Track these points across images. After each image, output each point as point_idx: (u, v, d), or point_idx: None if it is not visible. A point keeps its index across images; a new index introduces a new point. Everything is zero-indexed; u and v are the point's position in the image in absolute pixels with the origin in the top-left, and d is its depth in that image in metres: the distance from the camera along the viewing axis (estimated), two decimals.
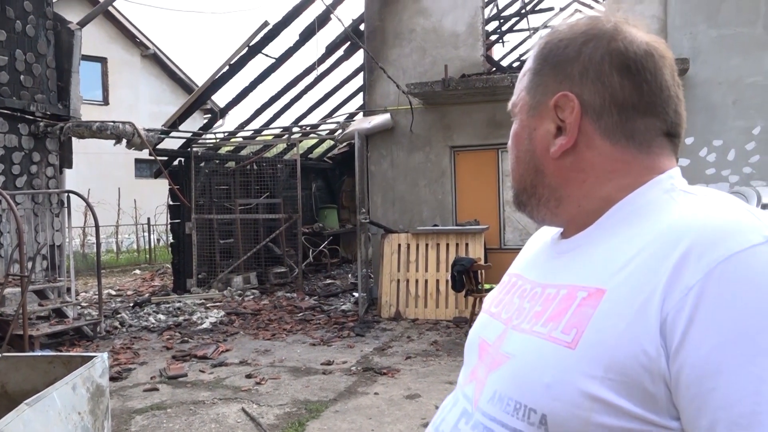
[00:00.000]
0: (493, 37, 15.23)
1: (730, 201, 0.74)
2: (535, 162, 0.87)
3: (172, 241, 11.24)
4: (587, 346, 0.70)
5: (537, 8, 15.43)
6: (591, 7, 17.86)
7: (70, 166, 8.40)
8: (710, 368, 0.63)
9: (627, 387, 0.67)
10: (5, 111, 7.33)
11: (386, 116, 9.03)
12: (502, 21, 14.97)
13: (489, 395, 0.80)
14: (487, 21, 11.93)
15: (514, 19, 15.27)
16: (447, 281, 7.79)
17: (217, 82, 10.07)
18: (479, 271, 7.22)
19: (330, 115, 13.93)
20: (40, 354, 4.46)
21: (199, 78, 23.87)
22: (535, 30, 16.14)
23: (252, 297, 9.81)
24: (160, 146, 10.11)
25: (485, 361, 0.85)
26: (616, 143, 0.81)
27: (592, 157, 0.82)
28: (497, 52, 16.77)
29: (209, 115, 14.61)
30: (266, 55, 9.80)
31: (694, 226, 0.70)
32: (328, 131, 11.82)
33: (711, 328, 0.63)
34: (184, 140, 10.91)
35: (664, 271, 0.68)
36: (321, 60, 10.82)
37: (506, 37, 16.52)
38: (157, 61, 20.00)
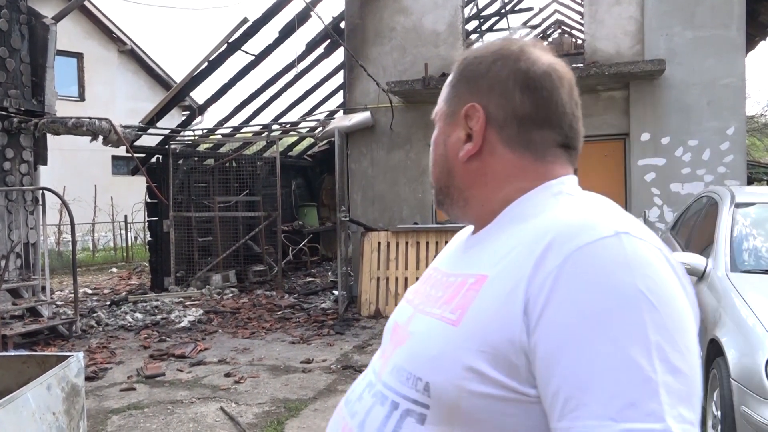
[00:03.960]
0: (473, 37, 15.30)
1: (597, 202, 0.87)
2: (448, 165, 0.97)
3: (149, 239, 11.11)
4: (468, 324, 0.81)
5: (516, 8, 15.53)
6: (569, 7, 18.02)
7: (44, 163, 8.27)
8: (558, 343, 0.73)
9: (496, 359, 0.77)
10: None
11: (366, 114, 9.03)
12: (482, 20, 15.05)
13: (390, 368, 0.91)
14: (467, 20, 11.98)
15: (493, 19, 15.36)
16: None
17: (195, 79, 9.98)
18: None
19: (310, 112, 13.88)
20: (13, 354, 4.39)
21: (178, 74, 23.60)
22: (515, 30, 16.24)
23: (231, 295, 9.75)
24: (137, 143, 9.99)
25: (394, 340, 0.97)
26: (515, 151, 0.92)
27: (493, 163, 0.93)
28: None
29: (188, 112, 14.47)
30: (246, 52, 9.75)
31: (558, 223, 0.81)
32: (308, 129, 11.77)
33: (561, 309, 0.73)
34: (162, 137, 10.79)
35: (530, 260, 0.78)
36: (301, 57, 10.78)
37: (486, 37, 16.60)
38: (134, 56, 19.75)
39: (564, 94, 0.92)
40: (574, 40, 16.43)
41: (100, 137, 8.34)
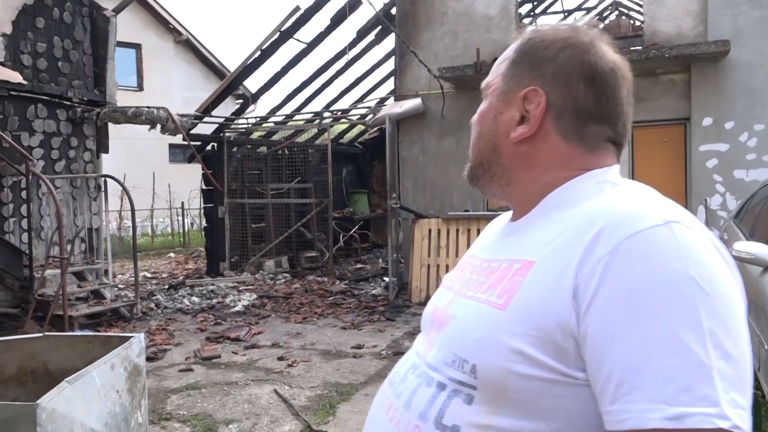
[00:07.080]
0: (527, 20, 14.99)
1: (645, 191, 0.87)
2: (495, 142, 0.97)
3: (205, 225, 11.41)
4: (515, 308, 0.82)
5: None
6: None
7: (106, 151, 8.57)
8: (609, 328, 0.73)
9: (543, 342, 0.78)
10: (44, 97, 7.50)
11: (417, 101, 8.98)
12: (535, 3, 14.71)
13: (435, 350, 0.92)
14: (520, 3, 11.73)
15: (548, 1, 14.99)
16: None
17: (248, 68, 10.13)
18: None
19: (361, 99, 13.91)
20: (79, 334, 4.59)
21: (231, 63, 23.99)
22: (570, 12, 15.81)
23: (283, 280, 9.91)
24: (193, 131, 10.23)
25: (435, 324, 0.97)
26: (569, 142, 0.92)
27: (544, 149, 0.93)
28: None
29: (241, 101, 14.73)
30: (297, 40, 9.82)
31: (609, 211, 0.81)
32: (358, 116, 11.80)
33: (613, 294, 0.74)
34: (217, 125, 11.02)
35: (580, 246, 0.79)
36: (352, 44, 10.79)
37: (540, 20, 16.24)
38: (190, 47, 20.18)
39: (624, 93, 0.93)
40: (631, 21, 15.89)
41: (158, 126, 8.58)
